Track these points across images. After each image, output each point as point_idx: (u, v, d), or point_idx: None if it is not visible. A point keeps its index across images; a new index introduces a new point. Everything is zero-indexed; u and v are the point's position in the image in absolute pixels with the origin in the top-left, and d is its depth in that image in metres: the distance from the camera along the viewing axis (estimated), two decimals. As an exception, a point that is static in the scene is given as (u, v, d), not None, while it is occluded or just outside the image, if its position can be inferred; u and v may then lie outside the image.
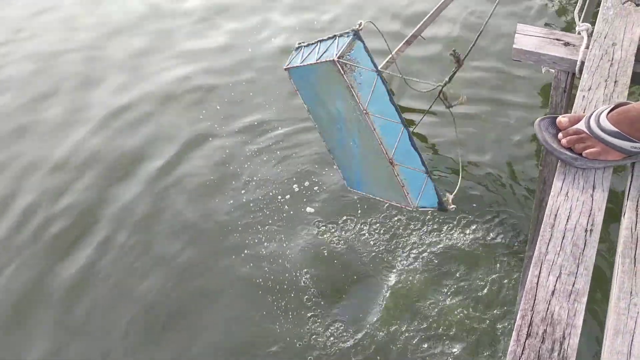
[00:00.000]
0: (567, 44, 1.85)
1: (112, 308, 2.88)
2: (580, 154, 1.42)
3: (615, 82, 1.64)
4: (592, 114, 1.45)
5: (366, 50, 1.71)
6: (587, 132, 1.43)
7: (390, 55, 4.12)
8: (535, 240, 2.53)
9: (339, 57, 1.62)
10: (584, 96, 1.61)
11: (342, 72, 1.66)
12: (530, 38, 1.88)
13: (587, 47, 1.78)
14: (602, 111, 1.43)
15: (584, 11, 3.22)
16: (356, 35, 1.69)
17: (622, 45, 1.74)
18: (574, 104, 1.60)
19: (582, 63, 1.74)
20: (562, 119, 1.48)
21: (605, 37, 1.77)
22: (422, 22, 3.91)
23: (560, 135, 1.47)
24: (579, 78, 1.78)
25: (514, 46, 1.86)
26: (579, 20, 1.84)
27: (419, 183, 1.62)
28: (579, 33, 1.84)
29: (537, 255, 1.28)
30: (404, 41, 4.02)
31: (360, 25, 1.76)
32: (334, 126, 1.96)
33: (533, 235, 2.48)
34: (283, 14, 4.97)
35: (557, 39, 1.86)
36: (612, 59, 1.71)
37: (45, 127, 3.92)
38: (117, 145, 3.74)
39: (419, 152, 1.61)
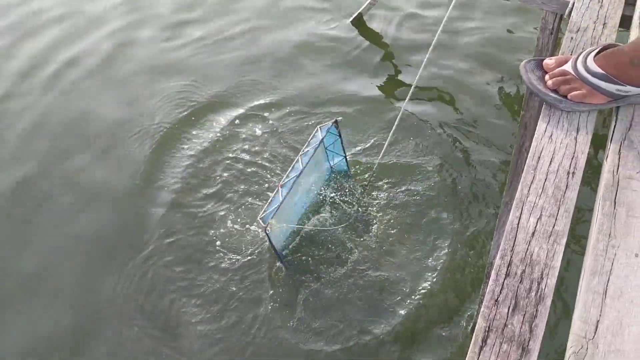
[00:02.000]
0: (557, -16, 1.80)
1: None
2: (566, 96, 1.40)
3: (604, 24, 1.61)
4: (579, 56, 1.42)
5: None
6: (574, 73, 1.40)
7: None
8: (514, 185, 2.56)
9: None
10: (572, 37, 1.58)
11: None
12: (519, -23, 1.83)
13: (577, -12, 1.73)
14: (590, 53, 1.40)
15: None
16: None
17: (613, -14, 1.70)
18: (562, 45, 1.57)
19: (573, 5, 1.69)
20: (549, 61, 1.46)
21: (596, -21, 1.72)
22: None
23: (546, 77, 1.44)
24: (567, 20, 1.75)
25: (503, -15, 1.81)
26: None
27: None
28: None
29: (519, 196, 1.27)
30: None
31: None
32: None
33: (511, 180, 2.49)
34: None
35: (547, -21, 1.81)
36: (602, 0, 1.67)
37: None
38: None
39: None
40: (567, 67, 1.42)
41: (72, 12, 4.64)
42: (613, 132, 1.37)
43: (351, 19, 4.20)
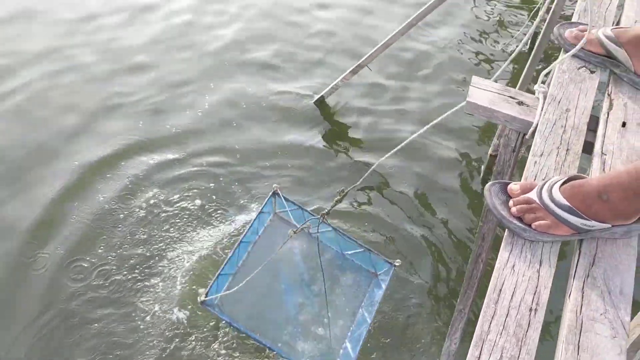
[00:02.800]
0: (521, 103, 1.80)
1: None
2: (530, 225, 1.35)
3: (567, 150, 1.59)
4: (544, 184, 1.38)
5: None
6: (539, 202, 1.36)
7: (337, 82, 4.08)
8: (468, 294, 2.48)
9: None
10: (535, 162, 1.55)
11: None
12: (484, 92, 1.82)
13: (542, 109, 1.73)
14: (555, 182, 1.37)
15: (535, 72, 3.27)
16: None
17: (575, 112, 1.70)
18: (525, 169, 1.53)
19: (536, 126, 1.68)
20: (514, 187, 1.41)
21: (559, 102, 1.73)
22: (369, 54, 3.88)
23: (510, 202, 1.40)
24: (530, 139, 1.73)
25: (468, 99, 1.79)
26: (539, 80, 1.79)
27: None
28: (537, 93, 1.79)
29: (479, 333, 1.18)
30: (349, 70, 3.99)
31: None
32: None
33: (466, 289, 2.42)
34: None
35: (512, 97, 1.81)
36: (565, 125, 1.66)
37: None
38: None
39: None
40: (533, 194, 1.37)
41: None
42: (576, 267, 1.32)
43: (314, 100, 4.20)
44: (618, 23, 2.09)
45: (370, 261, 2.78)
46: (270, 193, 2.79)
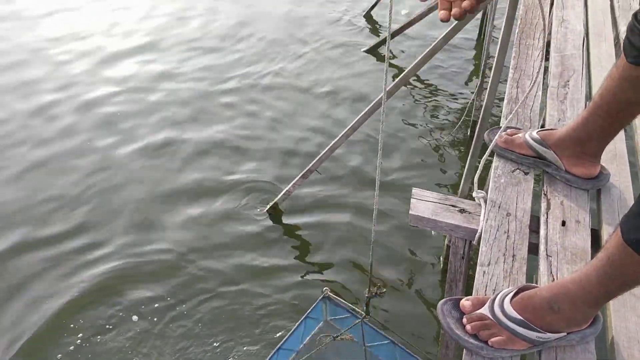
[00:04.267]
0: (462, 210, 1.82)
1: None
2: (487, 342, 1.32)
3: (513, 256, 1.60)
4: (495, 298, 1.37)
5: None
6: (492, 317, 1.34)
7: (288, 188, 4.12)
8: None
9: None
10: (484, 272, 1.54)
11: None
12: (425, 203, 1.84)
13: (484, 216, 1.75)
14: (506, 295, 1.35)
15: (473, 177, 3.37)
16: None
17: (516, 216, 1.73)
18: (475, 280, 1.52)
19: (481, 233, 1.70)
20: (465, 303, 1.39)
21: (499, 207, 1.75)
22: (317, 158, 3.96)
23: (464, 320, 1.37)
24: (477, 245, 1.74)
25: (410, 212, 1.81)
26: (475, 187, 1.82)
27: None
28: (477, 200, 1.82)
29: None
30: (299, 175, 4.04)
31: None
32: None
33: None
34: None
35: (453, 205, 1.84)
36: (508, 230, 1.68)
37: None
38: None
39: None
40: (485, 310, 1.35)
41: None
42: (539, 382, 1.28)
43: (267, 207, 4.19)
44: (544, 123, 2.19)
45: None
46: (320, 298, 2.48)
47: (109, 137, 4.84)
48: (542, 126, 2.15)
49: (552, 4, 2.94)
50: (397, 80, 3.95)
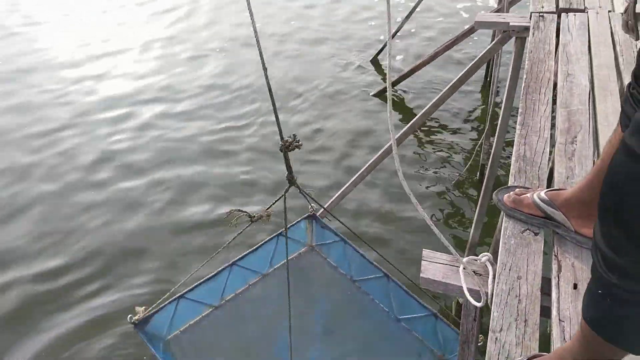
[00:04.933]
0: (474, 272, 1.83)
1: None
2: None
3: (525, 321, 1.60)
4: (508, 368, 1.37)
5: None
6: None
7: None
8: None
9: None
10: (496, 338, 1.54)
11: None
12: (436, 266, 1.85)
13: (493, 278, 1.76)
14: (517, 362, 1.36)
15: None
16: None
17: (527, 279, 1.73)
18: (487, 348, 1.52)
19: (492, 297, 1.70)
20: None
21: (510, 270, 1.76)
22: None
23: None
24: (489, 307, 1.74)
25: (421, 275, 1.82)
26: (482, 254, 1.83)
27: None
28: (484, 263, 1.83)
29: None
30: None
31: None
32: None
33: None
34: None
35: (464, 268, 1.84)
36: (519, 294, 1.68)
37: None
38: None
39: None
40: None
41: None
42: None
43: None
44: (551, 179, 2.20)
45: (435, 332, 1.96)
46: (304, 216, 2.20)
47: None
48: (551, 184, 2.17)
49: (556, 59, 2.99)
50: (405, 128, 4.01)
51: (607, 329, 1.09)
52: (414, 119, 3.96)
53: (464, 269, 1.83)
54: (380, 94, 6.59)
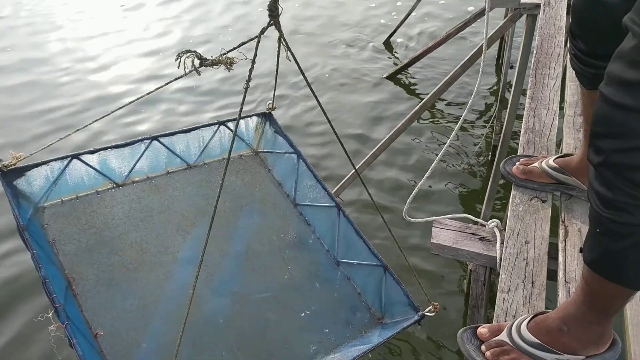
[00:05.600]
0: (482, 238, 1.89)
1: None
2: (507, 368, 1.38)
3: (532, 282, 1.66)
4: (513, 324, 1.43)
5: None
6: (510, 343, 1.40)
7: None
8: None
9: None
10: (504, 298, 1.61)
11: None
12: (447, 232, 1.92)
13: (501, 244, 1.82)
14: (523, 321, 1.42)
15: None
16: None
17: (534, 244, 1.79)
18: (496, 307, 1.59)
19: (500, 260, 1.76)
20: (482, 330, 1.46)
21: (518, 235, 1.82)
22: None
23: (483, 347, 1.43)
24: (498, 272, 1.80)
25: (432, 240, 1.88)
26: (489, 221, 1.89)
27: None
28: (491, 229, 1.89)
29: None
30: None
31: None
32: None
33: None
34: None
35: (473, 234, 1.91)
36: (527, 257, 1.74)
37: None
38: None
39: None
40: (503, 336, 1.42)
41: None
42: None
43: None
44: (560, 151, 2.25)
45: (379, 288, 1.69)
46: (259, 113, 1.77)
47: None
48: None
49: (566, 35, 3.02)
50: (417, 107, 4.05)
51: (606, 267, 1.15)
52: (426, 98, 4.01)
53: (473, 234, 1.90)
54: (393, 76, 6.64)
